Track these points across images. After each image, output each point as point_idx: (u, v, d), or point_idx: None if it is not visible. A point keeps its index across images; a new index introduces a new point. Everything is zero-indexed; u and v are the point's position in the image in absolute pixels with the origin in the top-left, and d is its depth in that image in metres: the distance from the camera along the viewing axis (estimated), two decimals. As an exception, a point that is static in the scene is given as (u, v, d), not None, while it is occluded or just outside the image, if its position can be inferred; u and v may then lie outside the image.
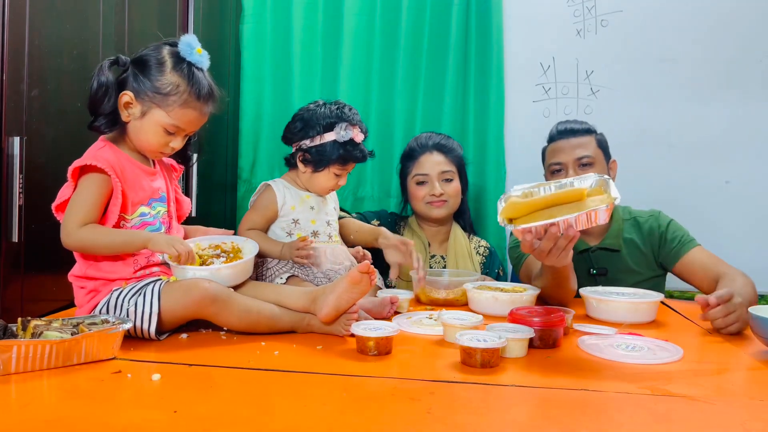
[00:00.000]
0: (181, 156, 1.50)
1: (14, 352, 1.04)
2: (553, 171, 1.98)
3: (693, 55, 2.49)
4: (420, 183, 2.13)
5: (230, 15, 2.56)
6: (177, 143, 1.37)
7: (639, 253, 1.97)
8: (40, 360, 1.06)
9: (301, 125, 1.68)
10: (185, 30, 2.23)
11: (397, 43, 2.57)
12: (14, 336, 1.11)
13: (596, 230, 1.98)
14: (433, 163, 2.13)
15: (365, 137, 1.71)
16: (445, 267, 2.12)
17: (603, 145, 2.00)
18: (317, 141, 1.66)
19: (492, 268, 2.18)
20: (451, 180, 2.14)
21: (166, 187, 1.44)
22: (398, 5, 2.55)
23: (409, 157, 2.18)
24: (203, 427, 0.86)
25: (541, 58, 2.58)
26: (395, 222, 2.23)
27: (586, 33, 2.56)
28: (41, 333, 1.10)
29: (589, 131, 1.99)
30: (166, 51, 1.34)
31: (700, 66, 2.49)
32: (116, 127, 1.36)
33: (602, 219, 1.29)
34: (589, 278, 1.95)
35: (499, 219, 1.37)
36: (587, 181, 1.43)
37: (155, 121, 1.33)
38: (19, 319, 1.14)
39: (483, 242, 2.24)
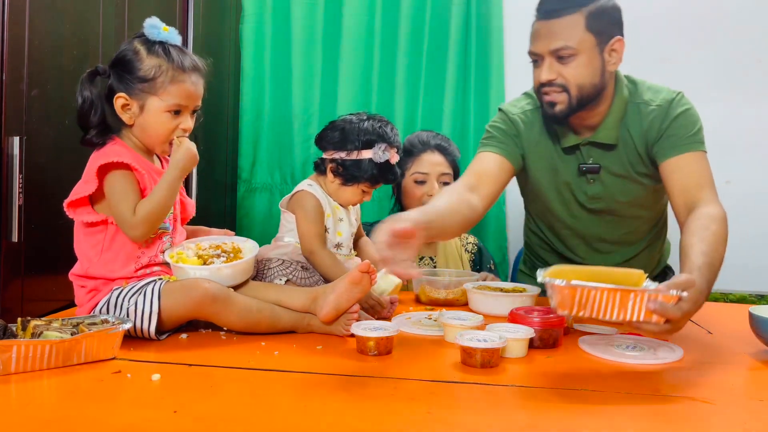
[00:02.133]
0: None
1: (14, 352, 1.04)
2: (533, 61, 1.59)
3: (693, 55, 2.49)
4: (419, 182, 2.10)
5: (230, 15, 2.56)
6: (187, 123, 1.35)
7: (634, 151, 1.63)
8: (39, 360, 1.05)
9: (339, 136, 1.62)
10: (185, 30, 2.23)
11: (397, 43, 2.57)
12: (14, 336, 1.11)
13: (592, 120, 1.62)
14: (433, 163, 2.10)
15: (399, 157, 1.67)
16: (435, 268, 2.08)
17: (597, 24, 1.52)
18: (353, 156, 1.61)
19: (483, 265, 2.16)
20: (448, 183, 2.09)
21: None
22: (398, 5, 2.56)
23: (408, 153, 2.11)
24: (203, 427, 0.86)
25: (541, 58, 2.57)
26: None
27: (586, 33, 2.56)
28: (41, 333, 1.10)
29: (580, 5, 1.51)
30: (136, 41, 1.34)
31: (700, 66, 2.49)
32: (108, 137, 1.33)
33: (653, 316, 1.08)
34: (579, 175, 1.67)
35: (540, 275, 1.12)
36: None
37: (155, 109, 1.32)
38: (19, 319, 1.14)
39: (471, 238, 2.21)
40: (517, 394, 1.03)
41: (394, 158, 1.63)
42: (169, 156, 1.36)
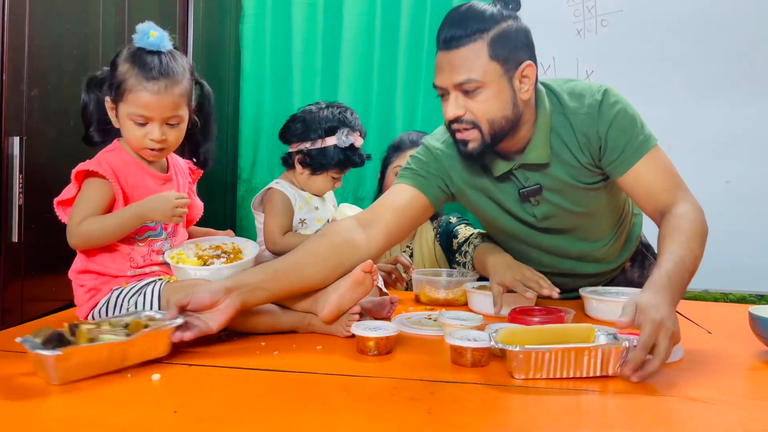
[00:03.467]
0: (195, 154, 1.47)
1: (76, 359, 0.99)
2: (439, 95, 1.46)
3: (693, 55, 2.50)
4: None
5: (230, 15, 2.57)
6: (155, 134, 1.30)
7: (573, 163, 1.50)
8: (97, 365, 1.02)
9: (302, 127, 1.68)
10: (185, 30, 2.23)
11: (397, 43, 2.57)
12: (70, 343, 1.05)
13: (518, 144, 1.49)
14: None
15: (363, 140, 1.71)
16: (411, 255, 2.14)
17: (502, 50, 1.38)
18: (318, 144, 1.66)
19: (446, 227, 2.18)
20: None
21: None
22: (398, 5, 2.56)
23: (397, 148, 2.17)
24: (203, 427, 0.86)
25: (541, 58, 2.54)
26: None
27: (586, 33, 2.57)
28: (97, 337, 1.05)
29: (480, 31, 1.37)
30: (127, 46, 1.32)
31: (700, 66, 2.50)
32: (108, 136, 1.35)
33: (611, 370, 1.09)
34: (522, 201, 1.55)
35: (492, 342, 1.12)
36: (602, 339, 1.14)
37: (123, 116, 1.30)
38: (66, 325, 1.08)
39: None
40: (516, 394, 1.03)
41: (359, 141, 1.68)
42: (154, 161, 1.36)
